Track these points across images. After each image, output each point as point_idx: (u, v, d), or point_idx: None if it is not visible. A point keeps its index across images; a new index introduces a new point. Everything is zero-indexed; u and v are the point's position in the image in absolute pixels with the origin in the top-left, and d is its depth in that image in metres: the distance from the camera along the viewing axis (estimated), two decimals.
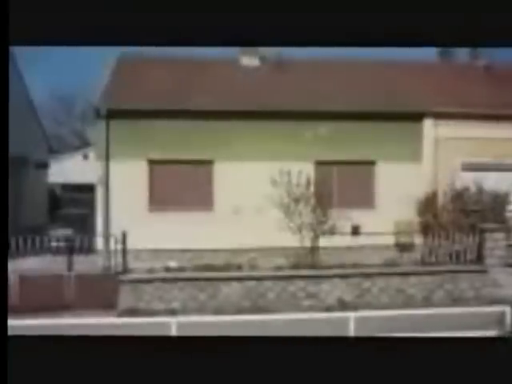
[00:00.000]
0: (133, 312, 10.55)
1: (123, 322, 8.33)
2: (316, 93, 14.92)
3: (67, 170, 24.19)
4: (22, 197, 18.30)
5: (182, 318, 7.87)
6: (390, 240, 13.89)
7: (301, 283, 11.50)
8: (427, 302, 11.55)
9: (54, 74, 41.72)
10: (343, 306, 11.17)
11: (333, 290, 11.55)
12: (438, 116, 14.79)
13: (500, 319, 7.32)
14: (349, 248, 13.46)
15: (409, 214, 14.09)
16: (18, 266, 11.95)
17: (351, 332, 6.67)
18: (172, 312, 10.41)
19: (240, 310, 10.64)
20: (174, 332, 6.68)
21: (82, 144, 28.73)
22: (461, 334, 5.70)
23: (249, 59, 16.68)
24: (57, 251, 13.66)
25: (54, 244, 14.15)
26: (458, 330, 6.54)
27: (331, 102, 14.46)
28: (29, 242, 12.51)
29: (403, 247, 13.94)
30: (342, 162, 14.41)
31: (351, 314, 7.01)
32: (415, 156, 14.68)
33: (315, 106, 14.27)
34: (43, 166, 21.57)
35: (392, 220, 14.10)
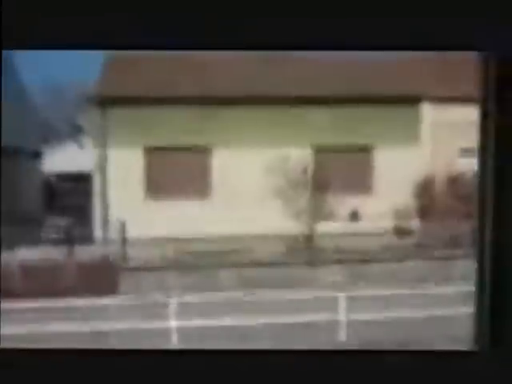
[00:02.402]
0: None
1: (124, 303, 8.88)
2: (313, 78, 15.34)
3: (62, 159, 24.63)
4: (16, 187, 18.79)
5: (180, 299, 8.41)
6: (389, 225, 14.40)
7: (298, 269, 12.05)
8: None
9: (47, 60, 42.14)
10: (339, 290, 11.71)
11: (329, 275, 12.10)
12: (436, 100, 15.26)
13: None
14: (347, 234, 13.98)
15: (407, 199, 14.59)
16: (16, 256, 12.49)
17: (342, 311, 7.21)
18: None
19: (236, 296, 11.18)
20: (172, 312, 7.21)
21: (76, 132, 29.12)
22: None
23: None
24: (54, 241, 14.18)
25: (51, 234, 14.69)
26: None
27: (329, 88, 14.88)
28: (26, 232, 13.03)
29: (401, 232, 14.47)
30: (340, 147, 14.88)
31: (341, 295, 7.54)
32: (413, 141, 15.15)
33: (312, 91, 14.70)
34: (38, 155, 22.04)
35: (390, 205, 14.60)
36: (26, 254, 12.65)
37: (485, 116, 1.68)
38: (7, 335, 8.56)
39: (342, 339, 8.46)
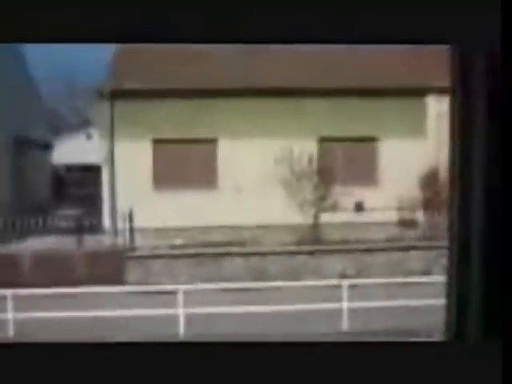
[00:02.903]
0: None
1: (133, 290, 9.13)
2: (319, 69, 15.49)
3: (71, 150, 24.95)
4: (27, 178, 19.12)
5: (187, 287, 8.65)
6: (393, 217, 14.59)
7: (303, 258, 12.29)
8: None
9: (55, 51, 42.43)
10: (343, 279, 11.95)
11: (334, 265, 12.34)
12: (442, 91, 15.36)
13: None
14: (352, 224, 14.18)
15: (412, 191, 14.76)
16: (26, 246, 12.81)
17: (344, 299, 7.44)
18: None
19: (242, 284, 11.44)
20: (179, 300, 7.47)
21: (84, 124, 29.39)
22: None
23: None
24: (63, 231, 14.50)
25: (60, 224, 15.02)
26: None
27: (334, 79, 15.03)
28: (35, 222, 13.33)
29: (406, 224, 14.65)
30: (345, 138, 15.05)
31: (344, 283, 7.76)
32: (419, 132, 15.29)
33: (318, 82, 14.86)
34: (47, 147, 22.37)
35: (395, 197, 14.77)
36: (37, 244, 12.97)
37: (453, 106, 1.68)
38: (19, 321, 8.87)
39: (345, 328, 8.70)
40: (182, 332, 8.76)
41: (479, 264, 1.62)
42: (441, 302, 1.94)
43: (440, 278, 10.40)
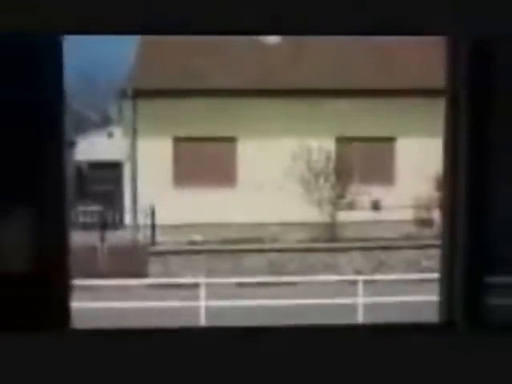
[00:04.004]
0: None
1: (154, 283, 9.50)
2: (337, 69, 15.74)
3: (93, 147, 25.47)
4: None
5: (206, 280, 9.01)
6: (410, 215, 14.79)
7: (320, 255, 12.59)
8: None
9: (79, 48, 43.12)
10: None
11: (351, 262, 12.61)
12: None
13: None
14: (368, 223, 14.43)
15: (428, 190, 14.94)
16: None
17: (360, 294, 7.73)
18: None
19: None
20: (199, 293, 7.81)
21: (106, 122, 29.91)
22: None
23: (271, 36, 17.55)
24: (86, 227, 14.96)
25: (83, 220, 15.49)
26: None
27: (352, 79, 15.28)
28: None
29: (422, 222, 14.85)
30: (363, 138, 15.29)
31: (360, 278, 8.06)
32: (435, 132, 15.42)
33: (336, 82, 15.12)
34: (70, 144, 22.90)
35: (412, 196, 14.97)
36: None
37: (454, 103, 1.73)
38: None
39: (359, 321, 8.98)
40: (203, 324, 9.10)
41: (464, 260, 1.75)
42: None
43: None
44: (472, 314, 1.75)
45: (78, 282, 9.90)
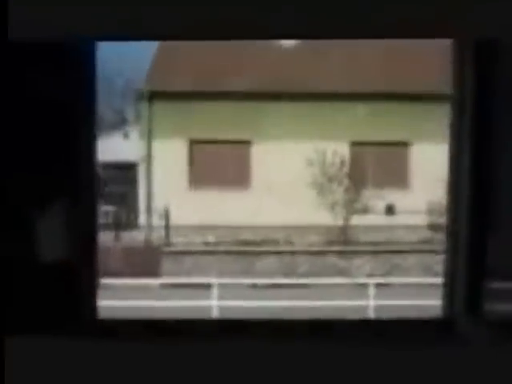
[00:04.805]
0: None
1: (168, 283, 9.67)
2: (352, 73, 15.83)
3: (109, 148, 25.72)
4: None
5: (218, 280, 9.16)
6: (424, 220, 14.82)
7: (332, 259, 12.69)
8: None
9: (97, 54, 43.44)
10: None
11: (363, 266, 12.70)
12: None
13: None
14: (382, 227, 14.49)
15: (443, 195, 14.96)
16: None
17: (371, 297, 7.84)
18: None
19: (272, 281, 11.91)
20: (212, 293, 7.96)
21: (122, 123, 30.15)
22: None
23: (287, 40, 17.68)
24: (102, 226, 15.19)
25: (99, 219, 15.71)
26: None
27: (367, 83, 15.36)
28: None
29: (436, 227, 14.87)
30: (377, 142, 15.36)
31: (371, 281, 8.16)
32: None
33: (351, 86, 15.21)
34: None
35: (426, 200, 15.00)
36: None
37: (460, 111, 1.80)
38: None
39: None
40: None
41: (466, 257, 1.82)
42: None
43: None
44: (472, 311, 1.81)
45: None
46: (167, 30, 1.51)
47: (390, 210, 15.30)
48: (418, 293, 9.81)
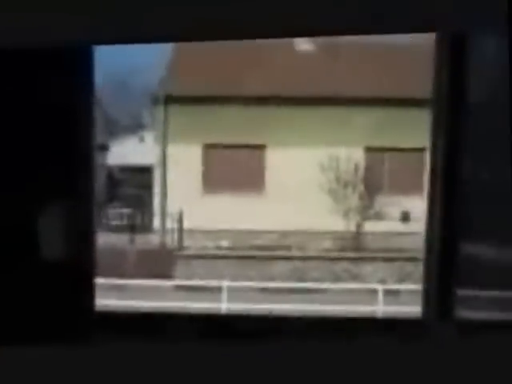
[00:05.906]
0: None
1: (178, 284, 9.83)
2: (368, 78, 15.88)
3: (125, 152, 26.02)
4: None
5: (231, 283, 9.30)
6: None
7: (345, 265, 12.76)
8: None
9: (111, 54, 44.08)
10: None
11: (376, 273, 12.74)
12: None
13: None
14: (397, 234, 14.50)
15: None
16: None
17: (380, 302, 7.91)
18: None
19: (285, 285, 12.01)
20: (223, 296, 8.11)
21: (137, 127, 30.47)
22: None
23: (303, 43, 17.77)
24: (117, 229, 15.40)
25: (113, 222, 15.96)
26: None
27: (383, 88, 15.41)
28: None
29: None
30: (393, 148, 15.39)
31: (380, 287, 8.23)
32: None
33: (367, 91, 15.27)
34: (103, 147, 23.48)
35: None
36: None
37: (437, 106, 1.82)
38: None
39: None
40: None
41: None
42: None
43: None
44: (444, 317, 1.88)
45: (106, 281, 10.33)
46: (167, 30, 1.48)
47: (405, 216, 15.30)
48: None
